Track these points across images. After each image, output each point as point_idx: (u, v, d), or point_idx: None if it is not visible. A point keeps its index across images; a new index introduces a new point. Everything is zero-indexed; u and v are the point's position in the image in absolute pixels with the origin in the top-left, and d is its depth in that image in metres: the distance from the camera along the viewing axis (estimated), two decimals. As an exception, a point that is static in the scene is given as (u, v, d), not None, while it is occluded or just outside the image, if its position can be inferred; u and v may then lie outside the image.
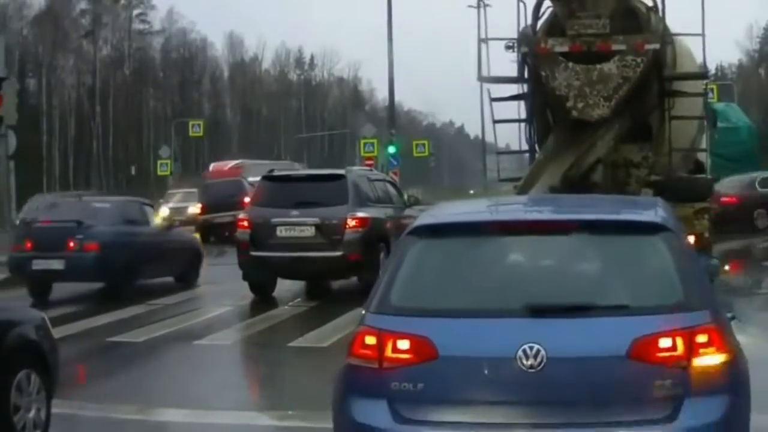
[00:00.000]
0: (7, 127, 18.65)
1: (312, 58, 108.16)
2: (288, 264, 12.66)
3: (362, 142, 45.76)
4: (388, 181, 15.04)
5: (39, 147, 71.87)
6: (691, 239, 8.54)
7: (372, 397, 4.01)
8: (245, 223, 12.96)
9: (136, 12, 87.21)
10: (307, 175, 13.94)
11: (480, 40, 11.43)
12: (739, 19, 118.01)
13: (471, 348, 3.92)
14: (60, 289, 15.24)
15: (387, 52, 43.28)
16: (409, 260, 4.21)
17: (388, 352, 3.97)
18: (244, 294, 13.44)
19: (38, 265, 13.26)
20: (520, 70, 11.42)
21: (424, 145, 48.63)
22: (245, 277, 13.35)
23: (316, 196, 12.79)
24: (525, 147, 12.23)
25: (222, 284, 15.33)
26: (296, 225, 12.57)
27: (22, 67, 79.07)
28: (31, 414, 5.70)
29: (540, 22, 11.11)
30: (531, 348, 3.81)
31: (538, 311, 3.92)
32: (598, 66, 10.52)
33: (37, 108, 75.36)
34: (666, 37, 11.01)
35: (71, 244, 13.17)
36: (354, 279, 13.38)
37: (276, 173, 13.55)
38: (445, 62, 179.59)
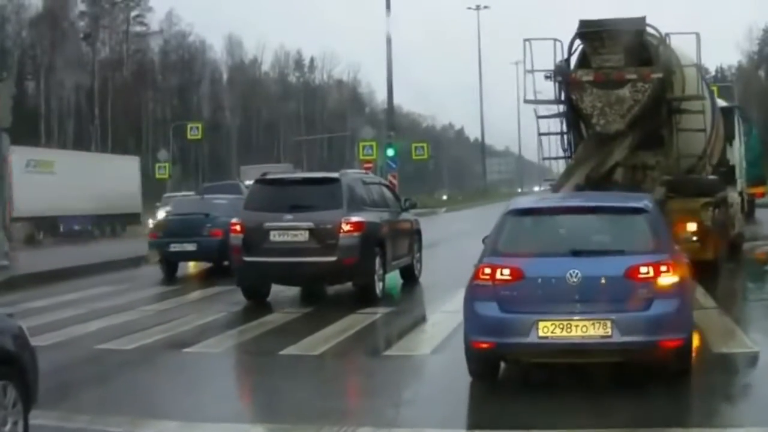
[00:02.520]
0: (0, 129, 18.41)
1: (312, 60, 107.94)
2: (281, 269, 12.42)
3: (360, 144, 45.37)
4: (384, 185, 14.78)
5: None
6: (694, 226, 13.24)
7: (487, 300, 7.11)
8: (238, 228, 12.73)
9: (133, 14, 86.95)
10: (301, 178, 13.64)
11: (526, 71, 13.82)
12: (738, 20, 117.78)
13: (541, 272, 7.06)
14: (53, 295, 15.12)
15: (386, 54, 42.97)
16: (507, 227, 7.55)
17: (497, 276, 7.11)
18: (238, 299, 13.24)
19: (175, 247, 17.06)
20: (557, 94, 14.07)
21: (423, 147, 48.25)
22: (238, 283, 13.14)
23: (310, 200, 12.54)
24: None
25: (216, 289, 15.16)
26: (290, 229, 12.33)
27: (21, 69, 78.83)
28: (7, 428, 5.48)
29: (573, 58, 13.84)
30: (574, 272, 6.93)
31: (577, 253, 7.13)
32: (615, 91, 13.14)
33: (35, 111, 75.08)
34: (670, 67, 13.40)
35: (202, 230, 16.98)
36: (349, 284, 13.16)
37: (268, 177, 13.27)
38: (445, 65, 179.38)
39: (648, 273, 6.96)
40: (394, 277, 14.59)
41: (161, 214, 36.48)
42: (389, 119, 46.16)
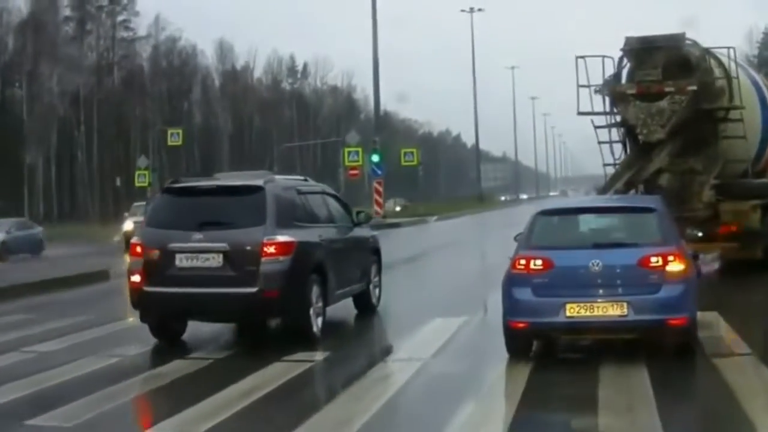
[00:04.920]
0: None
1: (305, 66, 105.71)
2: (189, 303, 9.71)
3: (345, 150, 43.22)
4: (330, 194, 11.91)
5: (20, 157, 69.43)
6: (734, 227, 14.42)
7: (523, 287, 8.32)
8: (138, 249, 10.01)
9: (119, 19, 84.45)
10: (215, 186, 10.38)
11: (579, 86, 14.94)
12: (738, 23, 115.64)
13: (568, 262, 8.30)
14: None
15: (372, 57, 40.97)
16: (537, 225, 8.82)
17: (531, 266, 8.34)
18: (149, 337, 10.55)
19: None
20: (606, 107, 15.17)
21: (412, 153, 45.74)
22: (142, 318, 10.43)
23: (226, 215, 9.79)
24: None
25: (132, 323, 12.43)
26: (200, 252, 9.61)
27: (7, 75, 76.45)
28: None
29: (624, 72, 15.02)
30: (595, 262, 8.17)
31: (598, 246, 8.44)
32: (656, 103, 14.17)
33: (19, 117, 72.71)
34: (706, 78, 14.28)
35: None
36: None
37: (178, 184, 10.50)
38: (443, 71, 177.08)
39: (658, 262, 8.11)
40: (345, 307, 11.93)
41: (129, 225, 33.98)
42: (376, 124, 43.76)
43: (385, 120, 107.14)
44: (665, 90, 14.14)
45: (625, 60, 14.94)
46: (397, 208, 59.70)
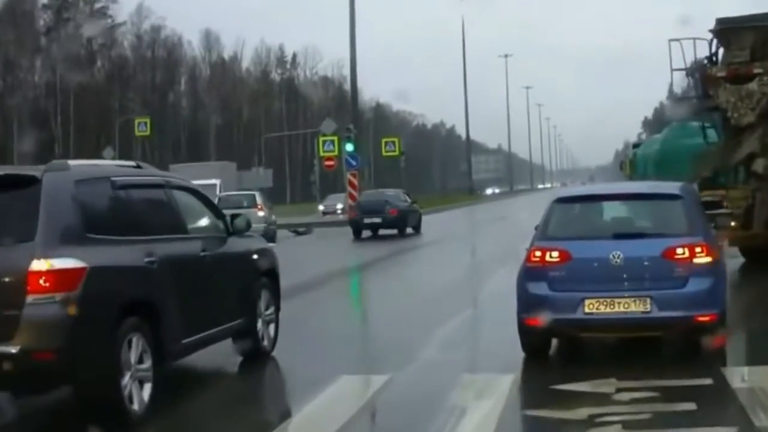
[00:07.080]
0: None
1: (294, 56, 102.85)
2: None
3: (320, 139, 40.05)
4: (184, 188, 7.93)
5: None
6: None
7: (538, 281, 7.87)
8: None
9: (97, 6, 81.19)
10: None
11: (672, 70, 15.02)
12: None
13: (587, 254, 7.85)
14: None
15: (349, 39, 38.13)
16: (555, 213, 8.31)
17: (547, 258, 7.88)
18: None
19: (367, 220, 29.04)
20: (701, 90, 14.89)
21: (393, 143, 42.34)
22: None
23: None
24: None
25: None
26: (-65, 286, 6.01)
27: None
28: None
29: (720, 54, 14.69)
30: (616, 253, 7.68)
31: (619, 236, 7.93)
32: (745, 85, 13.98)
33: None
34: None
35: (384, 210, 28.80)
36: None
37: None
38: (437, 63, 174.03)
39: (684, 254, 7.66)
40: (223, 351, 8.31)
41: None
42: (353, 112, 40.59)
43: (379, 112, 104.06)
44: (754, 72, 13.78)
45: (715, 42, 14.56)
46: (339, 205, 47.00)
